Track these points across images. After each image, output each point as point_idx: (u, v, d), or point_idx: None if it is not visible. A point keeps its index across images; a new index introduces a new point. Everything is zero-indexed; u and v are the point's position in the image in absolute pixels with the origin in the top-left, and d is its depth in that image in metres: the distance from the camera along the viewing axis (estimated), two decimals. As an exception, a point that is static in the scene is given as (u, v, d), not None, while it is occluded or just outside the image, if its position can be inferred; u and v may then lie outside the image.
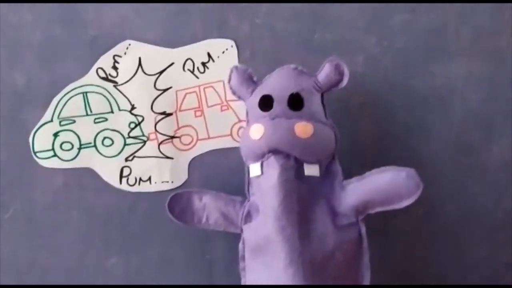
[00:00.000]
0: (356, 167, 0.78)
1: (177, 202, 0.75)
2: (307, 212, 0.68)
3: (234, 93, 0.76)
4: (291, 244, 0.67)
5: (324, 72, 0.71)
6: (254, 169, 0.71)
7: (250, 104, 0.74)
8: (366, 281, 0.71)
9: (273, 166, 0.68)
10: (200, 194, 0.75)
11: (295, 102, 0.71)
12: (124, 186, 0.82)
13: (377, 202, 0.69)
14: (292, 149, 0.68)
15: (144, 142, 0.82)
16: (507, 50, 0.82)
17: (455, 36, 0.82)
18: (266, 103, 0.71)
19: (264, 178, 0.70)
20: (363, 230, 0.71)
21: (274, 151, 0.68)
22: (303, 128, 0.68)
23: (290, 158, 0.68)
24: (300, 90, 0.71)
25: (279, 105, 0.70)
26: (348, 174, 0.78)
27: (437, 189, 0.82)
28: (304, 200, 0.68)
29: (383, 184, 0.69)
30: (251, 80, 0.75)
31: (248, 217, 0.72)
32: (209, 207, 0.74)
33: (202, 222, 0.75)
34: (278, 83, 0.72)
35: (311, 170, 0.69)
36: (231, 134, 0.82)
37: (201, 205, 0.74)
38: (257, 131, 0.69)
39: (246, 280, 0.73)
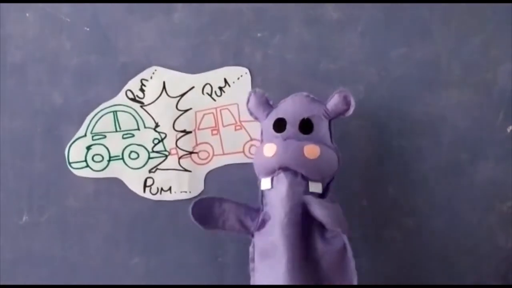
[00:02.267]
0: (355, 183, 0.85)
1: (199, 205, 0.77)
2: (308, 225, 0.73)
3: (251, 114, 0.80)
4: (293, 252, 0.72)
5: (333, 102, 0.76)
6: (265, 183, 0.75)
7: (265, 125, 0.78)
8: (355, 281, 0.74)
9: (282, 181, 0.73)
10: (220, 201, 0.78)
11: (306, 126, 0.75)
12: (147, 195, 0.85)
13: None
14: (300, 168, 0.73)
15: (166, 156, 0.85)
16: (493, 82, 0.85)
17: (446, 69, 0.85)
18: (280, 125, 0.76)
19: (274, 191, 0.74)
20: (346, 240, 0.74)
21: (284, 168, 0.73)
22: (311, 150, 0.73)
23: (298, 175, 0.73)
24: (311, 116, 0.76)
25: (292, 128, 0.75)
26: (348, 190, 0.84)
27: (427, 204, 0.86)
28: (307, 213, 0.73)
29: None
30: (267, 104, 0.79)
31: (262, 225, 0.76)
32: (227, 214, 0.77)
33: (218, 226, 0.77)
34: (291, 108, 0.77)
35: (315, 187, 0.74)
36: (243, 151, 0.85)
37: (220, 211, 0.77)
38: (270, 149, 0.74)
39: (255, 279, 0.77)
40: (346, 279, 0.74)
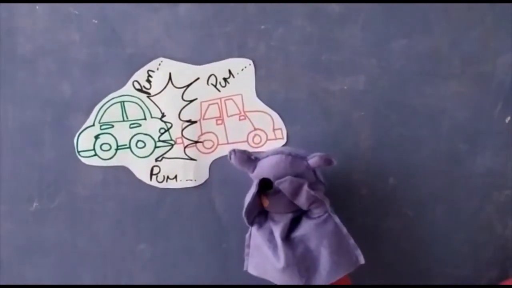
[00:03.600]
0: (355, 173, 0.86)
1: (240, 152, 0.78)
2: (296, 223, 0.78)
3: (237, 167, 0.79)
4: (287, 252, 0.75)
5: (315, 163, 0.75)
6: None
7: (254, 176, 0.78)
8: (361, 260, 0.77)
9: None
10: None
11: None
12: (153, 183, 0.87)
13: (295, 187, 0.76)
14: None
15: (172, 145, 0.86)
16: (492, 74, 0.85)
17: (446, 61, 0.85)
18: (266, 183, 0.76)
19: None
20: (337, 219, 0.77)
21: None
22: None
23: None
24: (295, 175, 0.75)
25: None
26: (349, 177, 0.86)
27: (426, 193, 0.87)
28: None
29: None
30: (249, 160, 0.77)
31: (259, 219, 0.80)
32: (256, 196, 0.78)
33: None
34: (274, 170, 0.75)
35: None
36: (247, 141, 0.87)
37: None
38: (263, 202, 0.78)
39: (248, 263, 0.80)
40: (352, 258, 0.77)
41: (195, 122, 0.87)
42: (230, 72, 0.86)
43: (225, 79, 0.86)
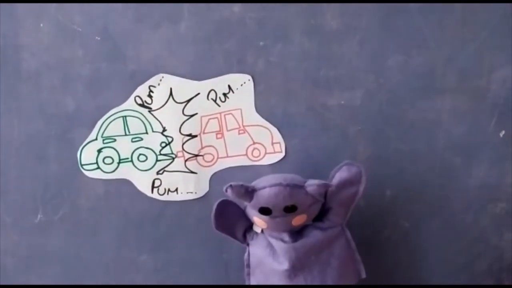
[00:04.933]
0: None
1: (222, 206, 0.81)
2: (300, 234, 0.79)
3: (235, 200, 0.80)
4: (292, 262, 0.77)
5: (314, 190, 0.76)
6: (256, 228, 0.82)
7: (250, 206, 0.79)
8: (363, 274, 0.81)
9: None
10: (239, 209, 0.82)
11: (290, 209, 0.77)
12: (155, 195, 0.89)
13: (345, 199, 0.79)
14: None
15: (173, 159, 0.88)
16: (486, 89, 0.86)
17: (441, 76, 0.86)
18: (265, 212, 0.77)
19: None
20: (348, 234, 0.81)
21: None
22: (299, 220, 0.78)
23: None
24: (294, 202, 0.76)
25: (277, 212, 0.77)
26: None
27: (422, 205, 0.89)
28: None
29: (338, 184, 0.79)
30: (246, 193, 0.77)
31: (255, 235, 0.82)
32: (239, 222, 0.82)
33: (229, 229, 0.83)
34: (273, 200, 0.76)
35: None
36: (246, 154, 0.88)
37: (235, 217, 0.82)
38: (260, 223, 0.79)
39: (250, 282, 0.83)
40: (355, 271, 0.81)
41: (195, 136, 0.88)
42: (229, 87, 0.87)
43: (224, 94, 0.88)
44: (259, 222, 0.79)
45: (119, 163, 0.88)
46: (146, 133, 0.88)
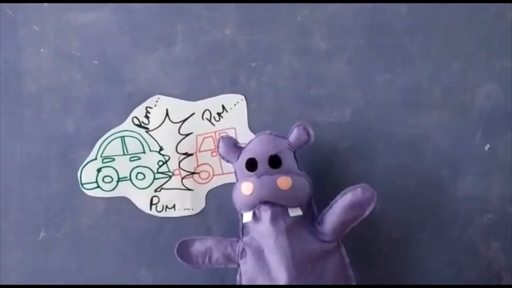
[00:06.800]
0: None
1: (183, 246, 0.84)
2: (297, 243, 0.79)
3: (223, 158, 0.85)
4: (289, 271, 0.78)
5: (294, 135, 0.82)
6: (247, 216, 0.81)
7: (237, 166, 0.83)
8: None
9: (265, 213, 0.80)
10: (202, 240, 0.84)
11: (275, 161, 0.80)
12: (153, 212, 0.90)
13: (349, 219, 0.80)
14: (278, 199, 0.79)
15: (170, 176, 0.89)
16: (471, 105, 0.88)
17: (427, 92, 0.88)
18: (251, 164, 0.81)
19: (259, 223, 0.80)
20: (343, 250, 0.82)
21: (264, 202, 0.79)
22: (284, 182, 0.78)
23: (276, 205, 0.79)
24: (277, 152, 0.81)
25: (262, 166, 0.80)
26: None
27: (411, 218, 0.90)
28: (293, 235, 0.79)
29: (348, 204, 0.80)
30: (235, 147, 0.84)
31: (243, 253, 0.82)
32: (210, 250, 0.83)
33: (205, 263, 0.84)
34: (259, 148, 0.81)
35: (295, 212, 0.80)
36: None
37: (203, 249, 0.84)
38: (247, 188, 0.79)
39: None
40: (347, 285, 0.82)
41: (191, 154, 0.90)
42: (223, 107, 0.90)
43: (219, 114, 0.90)
44: (246, 186, 0.79)
45: (118, 181, 0.90)
46: (144, 152, 0.90)
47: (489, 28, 0.89)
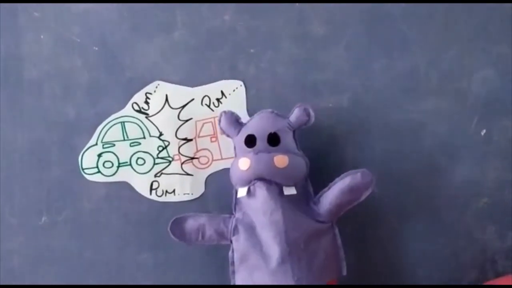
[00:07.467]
0: None
1: (176, 223, 0.85)
2: (292, 221, 0.80)
3: (223, 132, 0.86)
4: (282, 247, 0.79)
5: (295, 115, 0.83)
6: (242, 191, 0.82)
7: (237, 141, 0.84)
8: (344, 271, 0.83)
9: (260, 189, 0.80)
10: (195, 217, 0.85)
11: (273, 139, 0.81)
12: (153, 197, 0.91)
13: (346, 202, 0.81)
14: (273, 177, 0.80)
15: (170, 162, 0.90)
16: (468, 90, 0.89)
17: (424, 78, 0.89)
18: (250, 140, 0.82)
19: (254, 199, 0.81)
20: (336, 231, 0.83)
21: (259, 178, 0.80)
22: (280, 160, 0.79)
23: (272, 183, 0.80)
24: (277, 130, 0.81)
25: (261, 142, 0.81)
26: None
27: (409, 203, 0.91)
28: (287, 212, 0.80)
29: (346, 186, 0.81)
30: (237, 122, 0.84)
31: (235, 230, 0.83)
32: (203, 227, 0.84)
33: (198, 239, 0.85)
34: (259, 124, 0.82)
35: (289, 190, 0.81)
36: None
37: (196, 226, 0.85)
38: (244, 163, 0.80)
39: (235, 281, 0.84)
40: (338, 266, 0.83)
41: (190, 140, 0.91)
42: (222, 93, 0.90)
43: (218, 100, 0.90)
44: (243, 162, 0.80)
45: (118, 166, 0.91)
46: (144, 138, 0.91)
47: (486, 14, 0.89)
